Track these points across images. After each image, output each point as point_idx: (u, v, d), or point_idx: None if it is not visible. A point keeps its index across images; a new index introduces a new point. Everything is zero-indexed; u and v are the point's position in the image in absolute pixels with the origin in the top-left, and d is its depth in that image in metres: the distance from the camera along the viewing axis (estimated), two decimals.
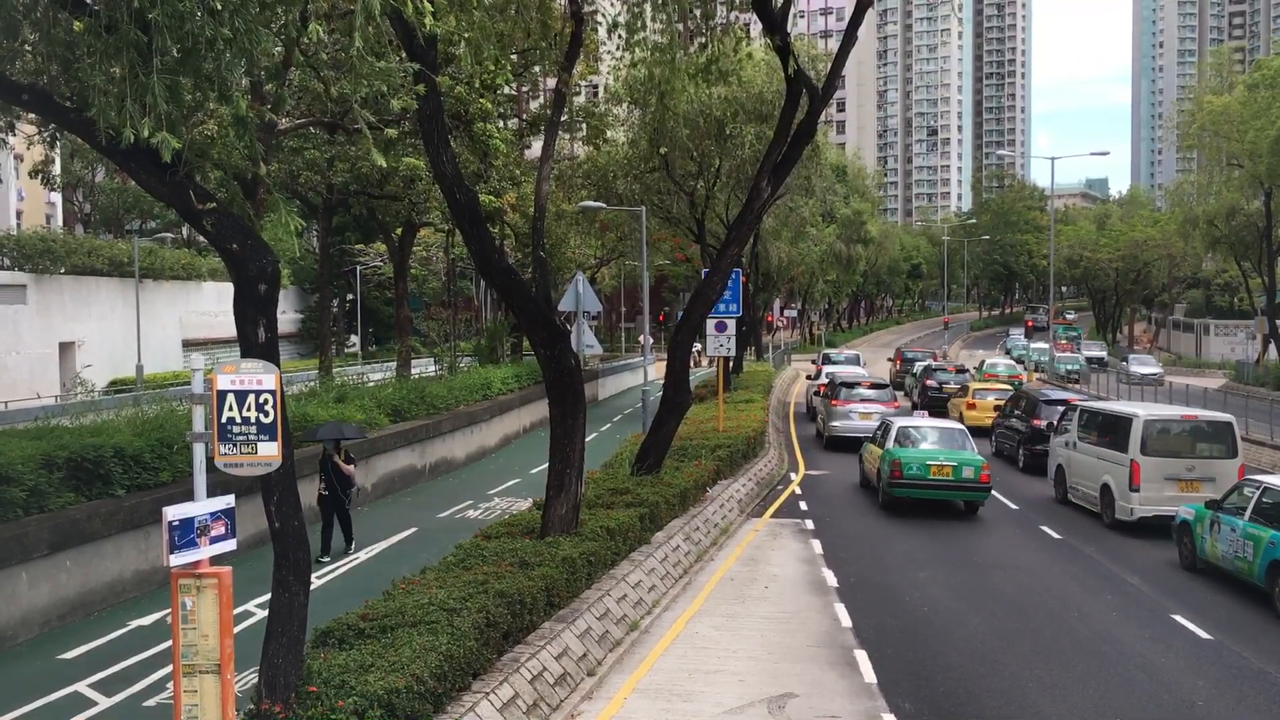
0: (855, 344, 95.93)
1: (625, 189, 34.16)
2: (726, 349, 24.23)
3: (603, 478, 18.27)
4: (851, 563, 16.39)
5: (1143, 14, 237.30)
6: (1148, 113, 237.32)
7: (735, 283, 23.92)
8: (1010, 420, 28.41)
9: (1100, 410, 20.97)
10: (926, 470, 20.22)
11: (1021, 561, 16.76)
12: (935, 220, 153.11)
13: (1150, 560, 16.96)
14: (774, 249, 61.27)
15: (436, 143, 12.64)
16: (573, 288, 18.43)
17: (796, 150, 17.99)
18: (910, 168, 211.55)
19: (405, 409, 23.29)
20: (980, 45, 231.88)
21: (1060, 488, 22.05)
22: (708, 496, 19.29)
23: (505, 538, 13.65)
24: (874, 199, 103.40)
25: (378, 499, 21.08)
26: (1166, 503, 18.31)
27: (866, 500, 22.18)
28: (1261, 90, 43.21)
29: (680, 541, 16.11)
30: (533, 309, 13.54)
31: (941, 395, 38.84)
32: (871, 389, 30.46)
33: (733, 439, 22.77)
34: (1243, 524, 14.56)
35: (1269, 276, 50.09)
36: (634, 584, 13.56)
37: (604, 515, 14.77)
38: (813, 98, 17.77)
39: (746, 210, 18.02)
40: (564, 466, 13.84)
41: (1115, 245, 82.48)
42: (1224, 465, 18.45)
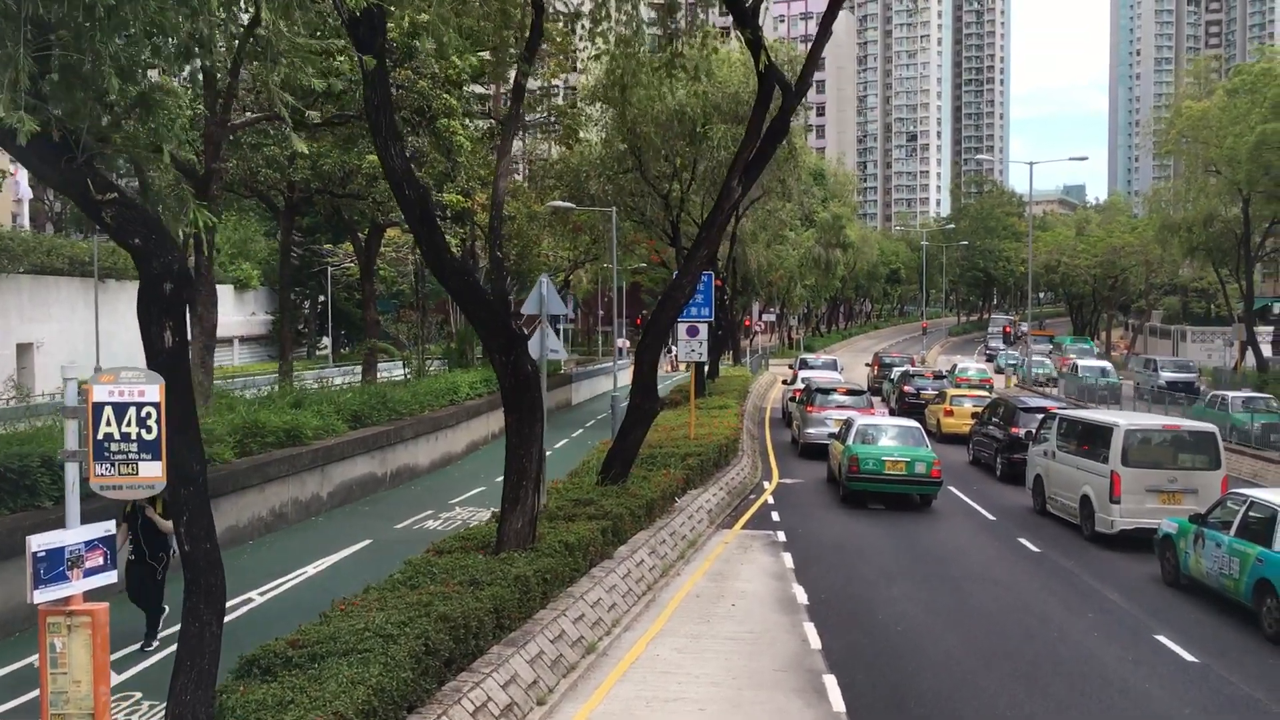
0: (834, 348, 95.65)
1: (598, 190, 33.51)
2: (698, 354, 23.58)
3: (567, 487, 17.59)
4: (823, 577, 15.74)
5: (1120, 22, 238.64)
6: (1125, 120, 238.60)
7: (707, 286, 23.29)
8: (988, 427, 27.88)
9: (1080, 419, 20.42)
10: (882, 465, 21.24)
11: (999, 575, 16.16)
12: (914, 225, 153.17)
13: (1132, 575, 16.39)
14: (752, 253, 60.73)
15: (385, 135, 11.94)
16: (536, 290, 17.67)
17: (769, 148, 17.37)
18: (890, 173, 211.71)
19: (366, 414, 22.51)
20: (959, 52, 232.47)
21: (1039, 498, 21.50)
22: (676, 507, 18.61)
23: (458, 553, 12.95)
24: (853, 203, 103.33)
25: (334, 508, 20.29)
26: (1148, 515, 17.76)
27: (841, 510, 21.56)
28: (1241, 96, 42.93)
29: (645, 556, 15.42)
30: (487, 312, 12.83)
31: (919, 402, 38.29)
32: (847, 395, 29.89)
33: (704, 447, 22.11)
34: (1228, 540, 13.99)
35: (1247, 283, 49.89)
36: (593, 602, 12.85)
37: (564, 529, 14.08)
38: (786, 94, 17.16)
39: (717, 210, 17.37)
40: (520, 478, 13.14)
41: (1093, 251, 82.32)
42: (1207, 477, 17.92)
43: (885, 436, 22.43)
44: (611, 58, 13.63)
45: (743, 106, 33.02)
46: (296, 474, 18.78)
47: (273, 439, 18.49)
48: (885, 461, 21.34)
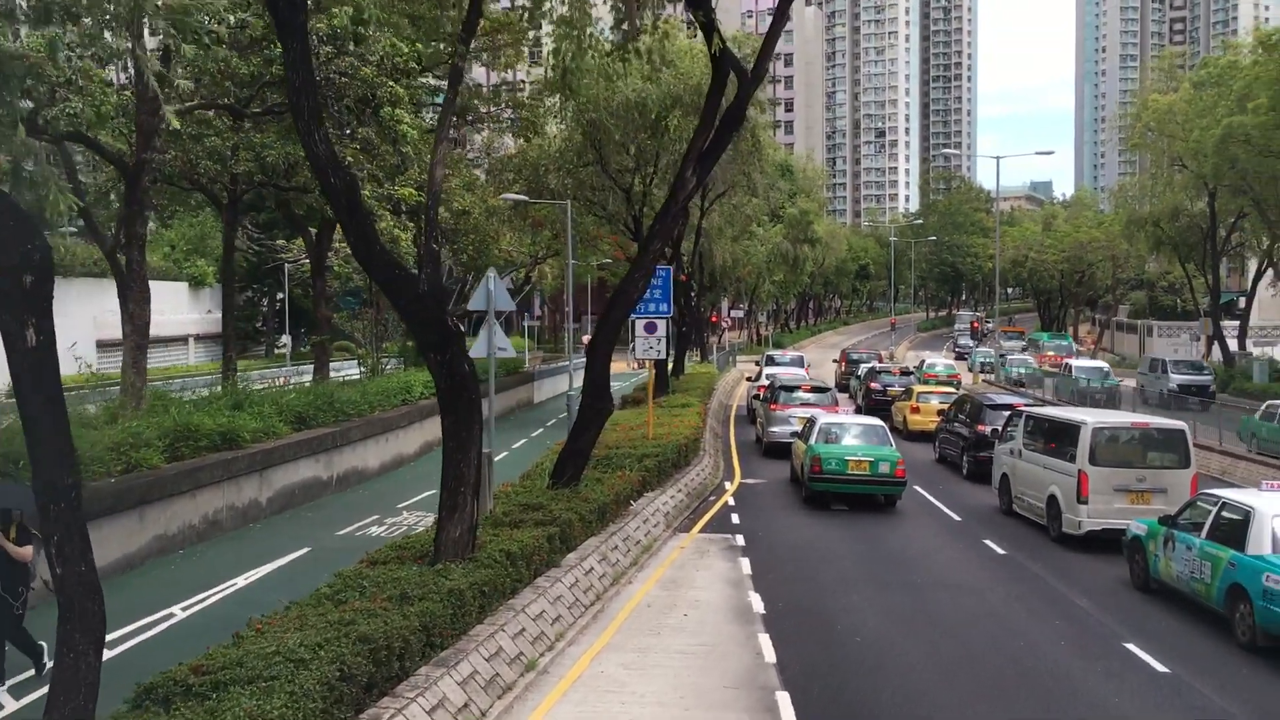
0: (803, 344, 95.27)
1: (557, 184, 32.76)
2: (657, 351, 22.87)
3: (517, 491, 16.85)
4: (782, 584, 15.09)
5: (1086, 19, 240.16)
6: (1090, 117, 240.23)
7: (665, 281, 22.61)
8: (954, 425, 27.36)
9: (1046, 416, 19.89)
10: (845, 465, 20.66)
11: (964, 580, 15.57)
12: (884, 221, 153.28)
13: (1100, 579, 15.85)
14: (719, 248, 60.14)
15: (307, 119, 11.14)
16: (483, 286, 16.92)
17: (725, 137, 16.71)
18: (859, 169, 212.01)
19: (311, 416, 21.65)
20: (927, 49, 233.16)
21: (1005, 498, 20.95)
22: (631, 511, 17.89)
23: (393, 564, 12.23)
24: (821, 199, 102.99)
25: (275, 514, 19.43)
26: (1116, 515, 17.23)
27: (803, 511, 20.93)
28: (1207, 89, 42.76)
29: (595, 563, 14.70)
30: (420, 308, 12.05)
31: (886, 399, 37.80)
32: (812, 393, 29.28)
33: (662, 447, 21.40)
34: (1199, 542, 13.45)
35: (1213, 277, 49.80)
36: (535, 615, 12.12)
37: (508, 536, 13.33)
38: (742, 81, 16.51)
39: (671, 201, 16.67)
40: (458, 484, 12.39)
41: (1060, 246, 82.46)
42: (1176, 475, 17.41)
43: (849, 435, 21.84)
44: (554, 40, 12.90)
45: (703, 98, 32.37)
46: (232, 479, 17.93)
47: (207, 442, 17.63)
48: (848, 461, 20.74)
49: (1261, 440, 26.80)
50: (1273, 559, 12.10)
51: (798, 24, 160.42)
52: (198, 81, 21.59)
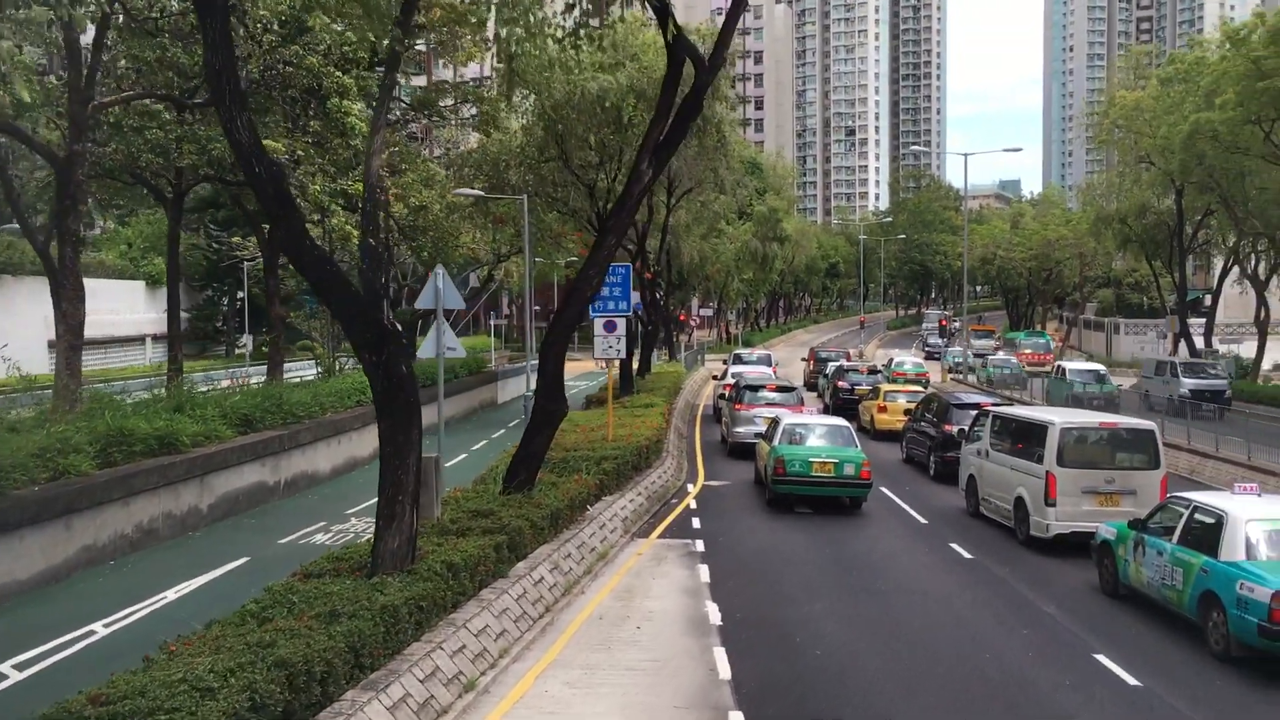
0: (773, 343, 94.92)
1: (519, 179, 32.02)
2: (616, 350, 22.24)
3: (467, 496, 16.19)
4: (741, 592, 14.51)
5: (1054, 19, 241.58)
6: (1058, 115, 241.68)
7: (625, 279, 22.00)
8: (921, 424, 26.90)
9: (1014, 416, 19.42)
10: (809, 467, 20.13)
11: (929, 587, 15.05)
12: (853, 220, 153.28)
13: (1068, 584, 15.38)
14: (687, 245, 59.56)
15: (230, 104, 10.47)
16: (431, 283, 16.25)
17: (681, 128, 16.14)
18: (829, 167, 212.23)
19: (258, 418, 20.87)
20: (897, 47, 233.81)
21: (972, 499, 20.49)
22: (587, 516, 17.27)
23: (328, 577, 11.56)
24: (791, 197, 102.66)
25: (216, 521, 18.65)
26: (1084, 518, 16.79)
27: (766, 514, 20.37)
28: (1175, 85, 42.63)
29: (545, 573, 14.06)
30: (353, 307, 11.37)
31: (853, 398, 37.37)
32: (777, 392, 28.75)
33: (622, 449, 20.79)
34: (1170, 547, 12.99)
35: (1180, 275, 49.76)
36: (478, 630, 11.47)
37: (452, 546, 12.68)
38: (699, 69, 15.91)
39: (626, 195, 16.07)
40: (396, 492, 11.73)
41: (1028, 244, 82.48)
42: (1146, 477, 16.98)
43: (813, 436, 21.32)
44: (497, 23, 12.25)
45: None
46: (170, 485, 17.15)
47: (142, 447, 16.84)
48: (812, 463, 20.20)
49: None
50: (1247, 565, 11.63)
51: (767, 22, 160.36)
52: (138, 72, 20.75)
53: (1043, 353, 63.73)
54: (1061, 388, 37.83)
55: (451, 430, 35.57)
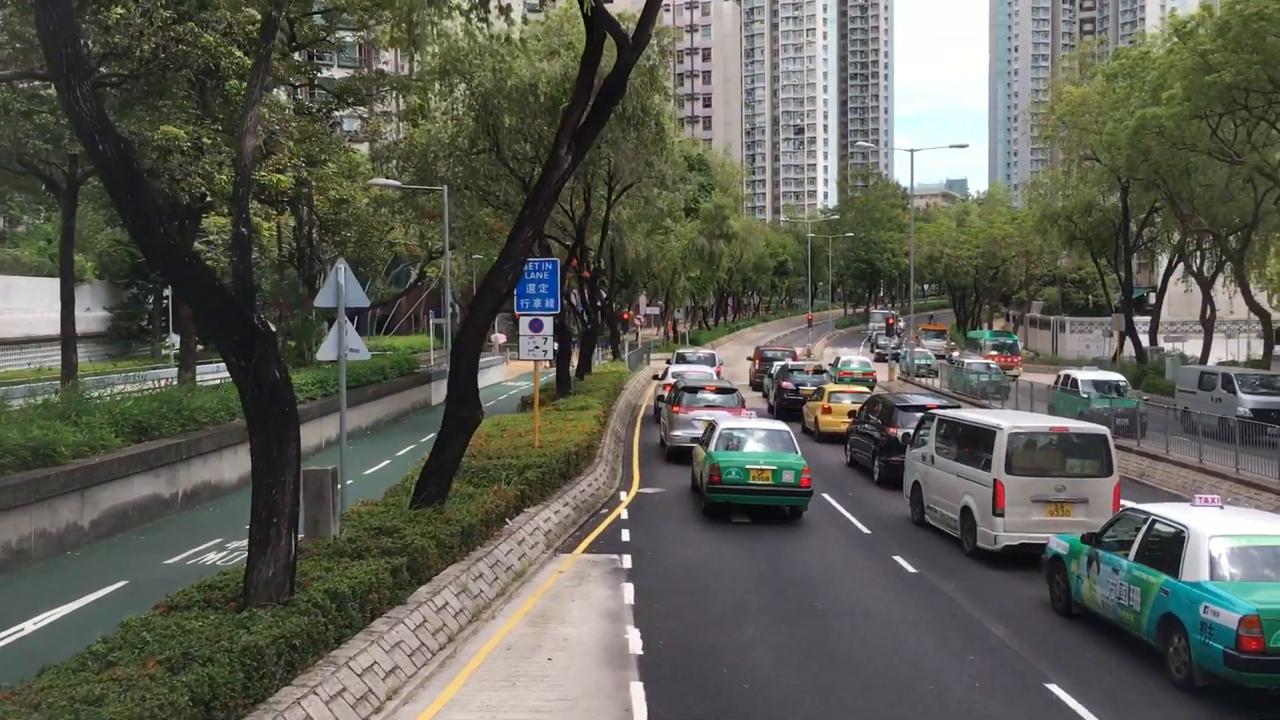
0: (721, 341, 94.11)
1: (448, 172, 30.60)
2: (543, 351, 20.95)
3: (372, 511, 14.84)
4: (667, 616, 13.32)
5: (999, 19, 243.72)
6: (1004, 115, 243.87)
7: (552, 275, 20.73)
8: (865, 426, 25.91)
9: (960, 420, 18.41)
10: (746, 475, 19.02)
11: (870, 606, 13.96)
12: (802, 218, 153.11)
13: (1018, 601, 14.37)
14: (631, 242, 58.43)
15: (67, 72, 9.10)
16: (332, 279, 14.87)
17: (603, 111, 14.95)
18: (779, 166, 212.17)
19: (154, 425, 19.32)
20: (845, 46, 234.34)
21: (917, 507, 19.49)
22: (505, 531, 15.99)
23: (195, 609, 10.22)
24: (739, 194, 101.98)
25: (101, 539, 17.11)
26: (1034, 529, 15.82)
27: (701, 525, 19.22)
28: (1120, 80, 42.18)
29: (451, 597, 12.77)
30: (218, 304, 10.01)
31: (798, 398, 36.39)
32: (717, 394, 27.62)
33: (548, 457, 19.52)
34: (1127, 565, 12.00)
35: (1125, 272, 49.47)
36: (363, 669, 10.16)
37: (342, 571, 11.37)
38: (622, 48, 14.73)
39: (543, 184, 14.83)
40: (270, 514, 10.40)
41: (974, 242, 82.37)
42: (1098, 485, 16.05)
43: (751, 441, 20.21)
44: None
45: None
46: (44, 500, 15.61)
47: (12, 459, 15.27)
48: (750, 470, 19.07)
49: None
50: (1211, 587, 10.65)
51: (715, 19, 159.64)
52: (22, 50, 19.10)
53: (1010, 355, 58.27)
54: (1072, 402, 30.68)
55: (380, 434, 34.14)
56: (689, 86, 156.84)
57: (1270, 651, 9.92)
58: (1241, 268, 40.51)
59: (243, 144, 10.83)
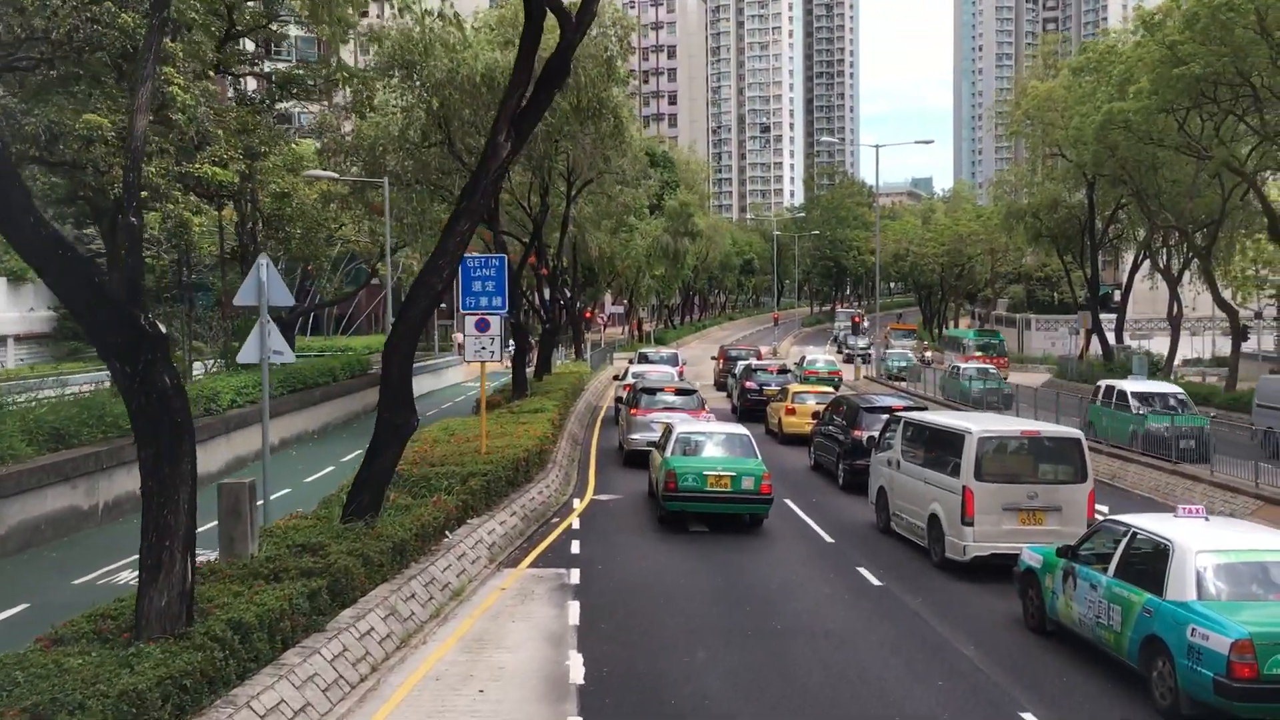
0: (687, 340, 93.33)
1: (398, 165, 29.44)
2: (490, 353, 19.86)
3: (299, 526, 13.76)
4: (613, 638, 12.34)
5: (963, 18, 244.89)
6: (968, 114, 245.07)
7: (500, 273, 19.67)
8: (829, 428, 25.02)
9: (927, 423, 17.54)
10: (703, 482, 18.07)
11: (833, 624, 13.03)
12: (769, 216, 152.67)
13: (989, 617, 13.50)
14: (593, 240, 57.48)
15: None
16: (253, 275, 13.79)
17: (544, 95, 13.94)
18: (745, 164, 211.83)
19: (71, 432, 18.08)
20: (810, 45, 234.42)
21: (882, 514, 18.62)
22: (444, 545, 14.93)
23: (83, 642, 9.20)
24: (704, 192, 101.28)
25: (4, 557, 15.89)
26: (1005, 538, 15.00)
27: (656, 535, 18.24)
28: (1086, 75, 41.64)
29: (378, 621, 11.71)
30: (97, 301, 8.91)
31: (762, 398, 35.53)
32: (677, 395, 26.67)
33: (495, 464, 18.47)
34: (1106, 581, 11.15)
35: (1092, 269, 49.02)
36: (265, 710, 9.11)
37: (252, 596, 10.31)
38: (565, 27, 13.70)
39: (480, 172, 13.81)
40: (162, 537, 9.34)
41: (940, 240, 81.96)
42: (1071, 491, 15.23)
43: (709, 446, 19.27)
44: None
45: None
46: None
47: None
48: (707, 477, 18.11)
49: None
50: (1198, 608, 9.79)
51: (680, 16, 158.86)
52: None
53: (996, 356, 53.39)
54: (1122, 421, 25.59)
55: (327, 438, 32.91)
56: (654, 84, 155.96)
57: (1265, 679, 9.08)
58: (1209, 265, 40.06)
59: (133, 124, 9.72)
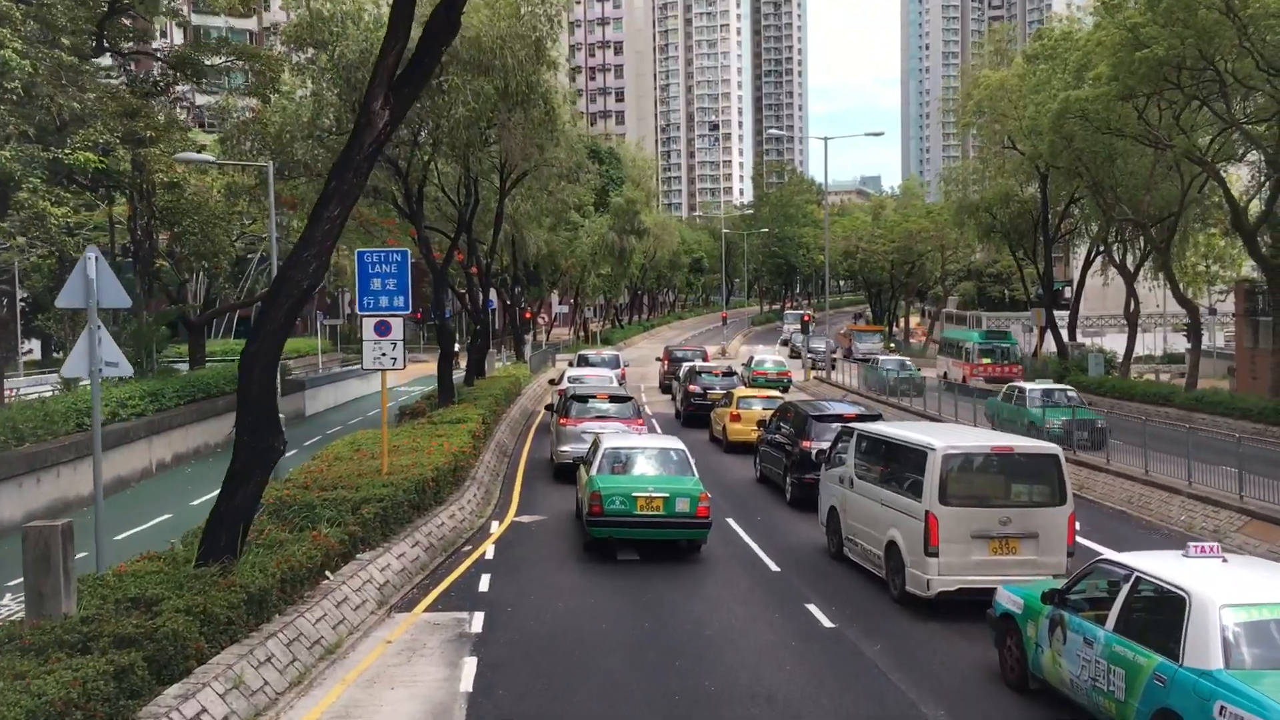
0: (635, 340, 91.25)
1: (306, 154, 27.00)
2: (391, 359, 17.53)
3: (140, 572, 11.47)
4: (513, 707, 10.17)
5: (910, 17, 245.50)
6: (916, 113, 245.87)
7: (401, 268, 17.40)
8: (775, 437, 22.96)
9: (883, 436, 15.46)
10: (632, 504, 15.87)
11: (776, 685, 10.94)
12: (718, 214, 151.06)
13: (960, 669, 11.49)
14: (532, 237, 55.26)
15: None
16: (78, 273, 11.44)
17: (428, 57, 11.74)
18: (694, 162, 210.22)
19: None
20: (759, 43, 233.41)
21: (834, 538, 16.57)
22: (320, 590, 12.64)
23: None
24: (651, 188, 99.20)
25: None
26: (975, 570, 13.03)
27: (580, 565, 16.09)
28: (1040, 62, 40.09)
29: (214, 699, 9.42)
30: None
31: (707, 403, 33.49)
32: (611, 403, 24.48)
33: (394, 487, 16.18)
34: (1104, 636, 9.17)
35: (1045, 265, 47.60)
36: None
37: (28, 685, 8.01)
38: None
39: (354, 146, 11.56)
40: None
41: (890, 237, 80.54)
42: (1049, 515, 13.29)
43: (639, 462, 17.14)
44: None
45: (486, 54, 27.33)
46: None
47: None
48: (637, 499, 15.97)
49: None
50: (1228, 680, 7.81)
51: (627, 12, 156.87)
52: None
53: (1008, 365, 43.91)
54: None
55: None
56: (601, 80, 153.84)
57: None
58: (1168, 259, 38.67)
59: None
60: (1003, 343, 45.99)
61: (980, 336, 46.70)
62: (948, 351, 49.00)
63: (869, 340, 66.95)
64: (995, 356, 43.55)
